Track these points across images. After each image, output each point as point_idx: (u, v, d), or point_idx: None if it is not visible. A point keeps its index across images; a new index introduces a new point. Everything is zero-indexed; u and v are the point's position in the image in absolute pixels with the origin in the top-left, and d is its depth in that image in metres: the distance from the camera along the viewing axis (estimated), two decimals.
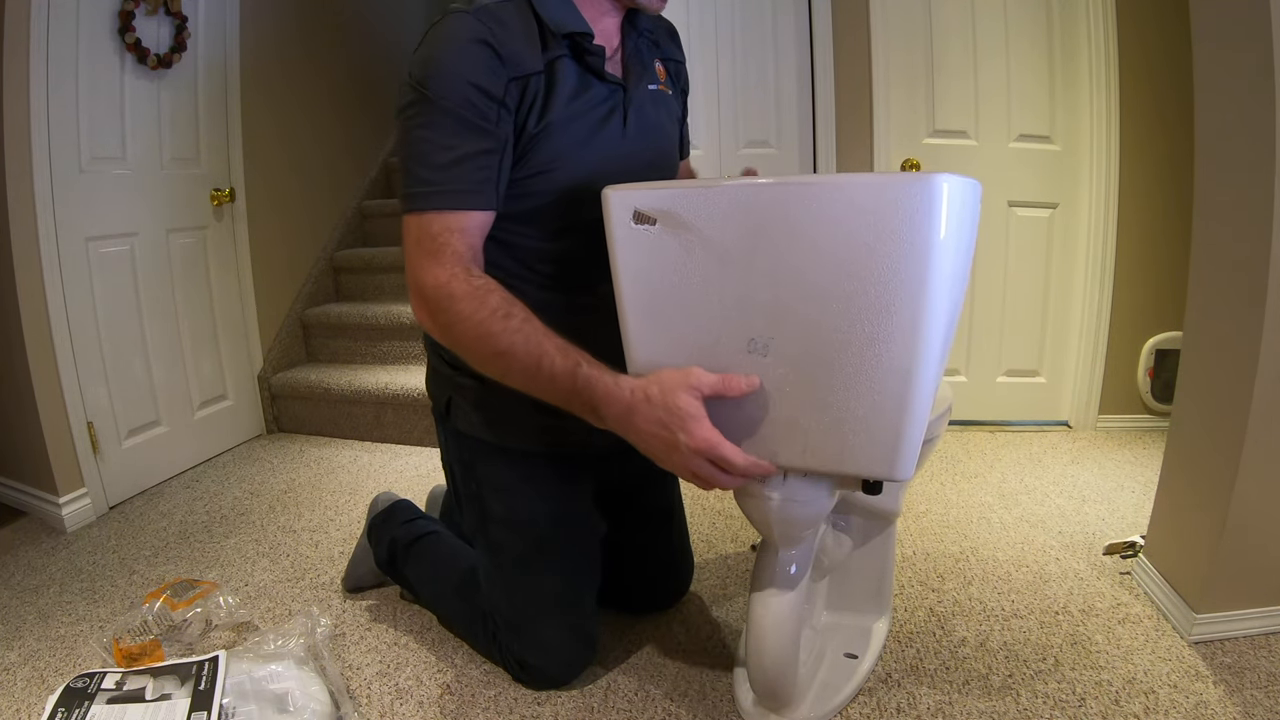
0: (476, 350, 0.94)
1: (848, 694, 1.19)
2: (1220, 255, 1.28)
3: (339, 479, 2.23)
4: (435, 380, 1.26)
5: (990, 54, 2.24)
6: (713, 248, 0.84)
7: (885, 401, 0.79)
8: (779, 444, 0.86)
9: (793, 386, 0.84)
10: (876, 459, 0.82)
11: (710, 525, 1.83)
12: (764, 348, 0.84)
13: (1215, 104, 1.27)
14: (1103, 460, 2.15)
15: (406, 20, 3.62)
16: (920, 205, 0.74)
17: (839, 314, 0.79)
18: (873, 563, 1.32)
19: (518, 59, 0.97)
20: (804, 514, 0.96)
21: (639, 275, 0.88)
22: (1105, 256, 2.26)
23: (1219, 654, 1.27)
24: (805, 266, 0.80)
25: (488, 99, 0.96)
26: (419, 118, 0.97)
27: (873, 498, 1.11)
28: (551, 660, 1.22)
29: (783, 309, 0.82)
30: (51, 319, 1.88)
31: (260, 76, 2.56)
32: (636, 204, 0.85)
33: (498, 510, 1.21)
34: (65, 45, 1.88)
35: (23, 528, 1.95)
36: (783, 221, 0.80)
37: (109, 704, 1.10)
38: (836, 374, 0.81)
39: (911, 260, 0.75)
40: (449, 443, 1.26)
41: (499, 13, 0.98)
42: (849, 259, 0.78)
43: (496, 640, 1.25)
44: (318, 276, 2.93)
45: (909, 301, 0.76)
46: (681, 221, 0.84)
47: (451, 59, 0.95)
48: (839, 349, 0.80)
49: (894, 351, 0.78)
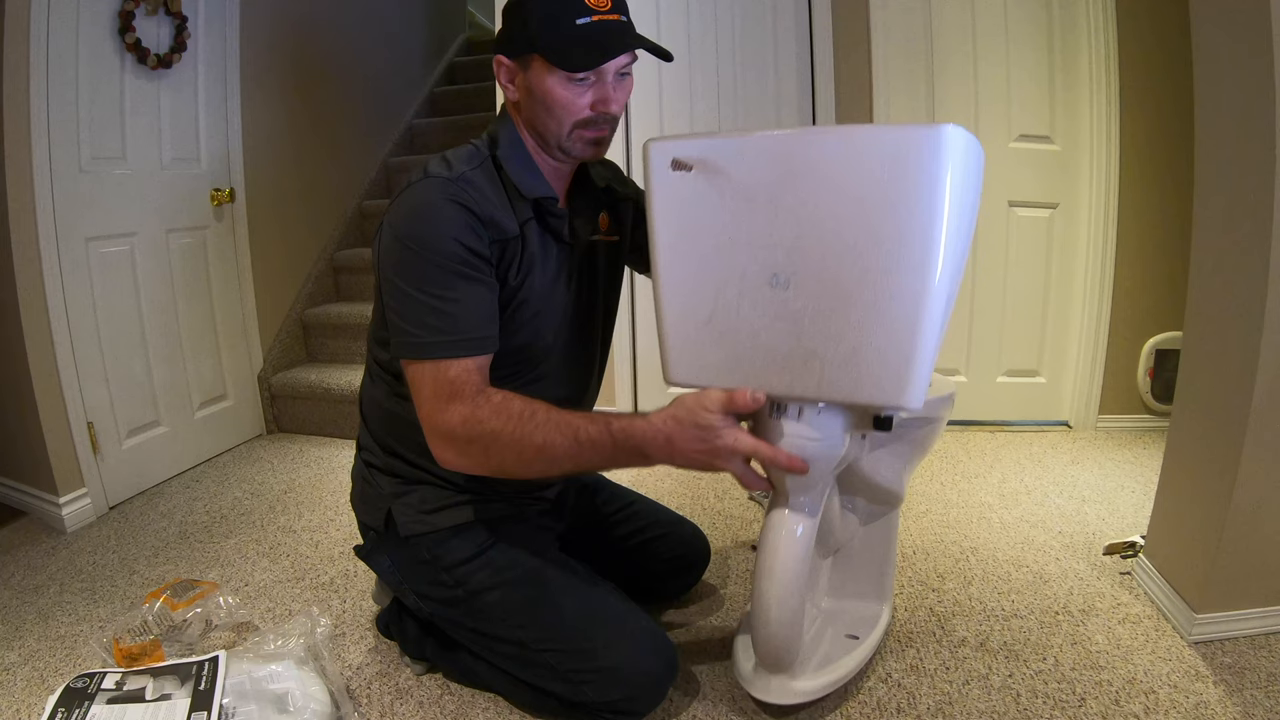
0: (518, 456, 0.98)
1: (848, 670, 1.19)
2: (1220, 255, 1.28)
3: (339, 479, 2.23)
4: (368, 501, 1.24)
5: (990, 54, 2.24)
6: (742, 189, 0.91)
7: (898, 331, 0.86)
8: (798, 376, 0.92)
9: (812, 318, 0.90)
10: (889, 387, 0.88)
11: (710, 525, 1.83)
12: (786, 282, 0.91)
13: (1215, 104, 1.27)
14: (1103, 460, 2.15)
15: (407, 20, 3.63)
16: (930, 149, 0.82)
17: (857, 248, 0.87)
18: (875, 549, 1.33)
19: (495, 223, 1.04)
20: (817, 452, 0.98)
21: (672, 217, 0.96)
22: (1105, 256, 2.26)
23: (1219, 654, 1.27)
24: (827, 205, 0.88)
25: (475, 255, 1.02)
26: (414, 272, 1.01)
27: (878, 478, 1.19)
28: (632, 659, 1.10)
29: (805, 244, 0.89)
30: (51, 319, 1.88)
31: (260, 76, 2.56)
32: (675, 153, 0.94)
33: (483, 578, 1.16)
34: (65, 45, 1.88)
35: (23, 528, 1.95)
36: (807, 165, 0.88)
37: (109, 704, 1.10)
38: (853, 305, 0.88)
39: (922, 197, 0.83)
40: (398, 568, 1.22)
41: (473, 178, 1.04)
42: (867, 197, 0.85)
43: (582, 705, 1.12)
44: (318, 276, 2.94)
45: (920, 235, 0.84)
46: (715, 166, 0.92)
47: (436, 219, 1.01)
48: (856, 281, 0.87)
49: (906, 282, 0.85)
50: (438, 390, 1.01)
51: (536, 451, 0.97)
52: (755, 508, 1.92)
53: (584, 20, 1.01)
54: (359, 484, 1.27)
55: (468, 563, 1.17)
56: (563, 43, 1.01)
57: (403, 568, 1.21)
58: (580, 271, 1.19)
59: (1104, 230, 2.24)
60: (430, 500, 1.18)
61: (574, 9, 1.01)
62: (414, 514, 1.18)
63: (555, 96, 1.04)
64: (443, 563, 1.17)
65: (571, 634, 1.12)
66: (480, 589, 1.16)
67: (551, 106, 1.05)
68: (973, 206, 0.93)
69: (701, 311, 0.97)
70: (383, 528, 1.21)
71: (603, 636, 1.11)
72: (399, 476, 1.20)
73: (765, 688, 1.13)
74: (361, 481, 1.26)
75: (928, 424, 1.22)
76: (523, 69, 1.06)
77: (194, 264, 2.35)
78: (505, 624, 1.15)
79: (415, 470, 1.19)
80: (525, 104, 1.08)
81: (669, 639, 1.15)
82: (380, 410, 1.21)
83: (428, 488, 1.19)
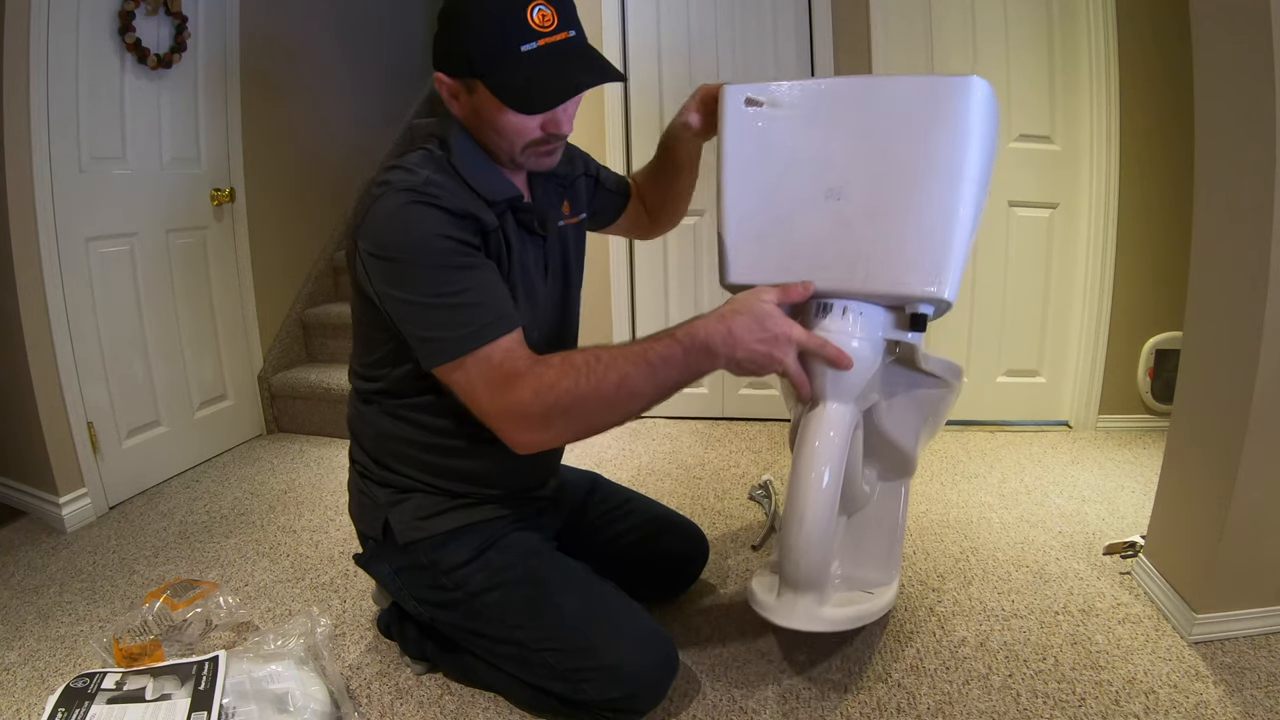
0: (601, 403, 0.96)
1: (862, 612, 1.19)
2: (1220, 255, 1.28)
3: (339, 479, 2.23)
4: (365, 511, 1.24)
5: (990, 54, 2.24)
6: (803, 121, 1.09)
7: (934, 232, 1.02)
8: (847, 272, 1.06)
9: (860, 224, 1.05)
10: (926, 278, 1.02)
11: (710, 525, 1.83)
12: (839, 194, 1.06)
13: (1215, 104, 1.27)
14: (1103, 460, 2.15)
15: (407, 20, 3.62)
16: (961, 90, 1.01)
17: (902, 166, 1.04)
18: (887, 519, 1.36)
19: (474, 216, 1.01)
20: (859, 352, 1.06)
21: (741, 146, 1.12)
22: (1105, 256, 2.26)
23: (1219, 654, 1.27)
24: (875, 133, 1.05)
25: (466, 244, 0.99)
26: (413, 281, 0.97)
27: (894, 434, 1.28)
28: (631, 657, 1.10)
29: (856, 164, 1.06)
30: (51, 319, 1.88)
31: (260, 77, 2.56)
32: (748, 93, 1.11)
33: (482, 580, 1.16)
34: (65, 45, 1.88)
35: (23, 528, 1.95)
36: (862, 103, 1.07)
37: (109, 704, 1.10)
38: (897, 211, 1.03)
39: (953, 126, 1.01)
40: (397, 575, 1.22)
41: (438, 179, 1.00)
42: (912, 126, 1.03)
43: (582, 704, 1.12)
44: (318, 276, 2.94)
45: (952, 155, 1.02)
46: (782, 103, 1.10)
47: (415, 223, 0.97)
48: (900, 192, 1.03)
49: (941, 192, 1.02)
50: (490, 380, 0.97)
51: (616, 390, 0.95)
52: (755, 508, 1.92)
53: (529, 46, 0.94)
54: (355, 495, 1.27)
55: (466, 565, 1.17)
56: (508, 74, 0.95)
57: (402, 574, 1.21)
58: (554, 261, 1.20)
59: (1104, 230, 2.24)
60: (426, 507, 1.18)
61: (517, 32, 0.94)
62: (410, 521, 1.18)
63: (503, 123, 1.01)
64: (441, 566, 1.17)
65: (571, 632, 1.11)
66: (479, 590, 1.16)
67: (501, 130, 1.02)
68: (992, 138, 1.08)
69: (761, 221, 1.11)
70: (380, 536, 1.21)
71: (602, 634, 1.11)
72: (393, 486, 1.20)
73: (790, 613, 1.11)
74: (357, 493, 1.26)
75: (940, 385, 1.29)
76: (466, 90, 1.01)
77: (194, 264, 2.35)
78: (504, 624, 1.14)
79: (408, 480, 1.19)
80: (472, 123, 1.05)
81: (669, 636, 1.15)
82: (373, 429, 1.20)
83: (422, 495, 1.19)
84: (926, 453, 2.23)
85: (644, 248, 2.57)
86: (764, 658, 1.32)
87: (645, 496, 1.50)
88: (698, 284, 2.56)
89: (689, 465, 2.23)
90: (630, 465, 2.24)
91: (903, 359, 1.18)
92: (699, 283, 2.56)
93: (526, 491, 1.27)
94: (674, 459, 2.28)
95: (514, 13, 0.94)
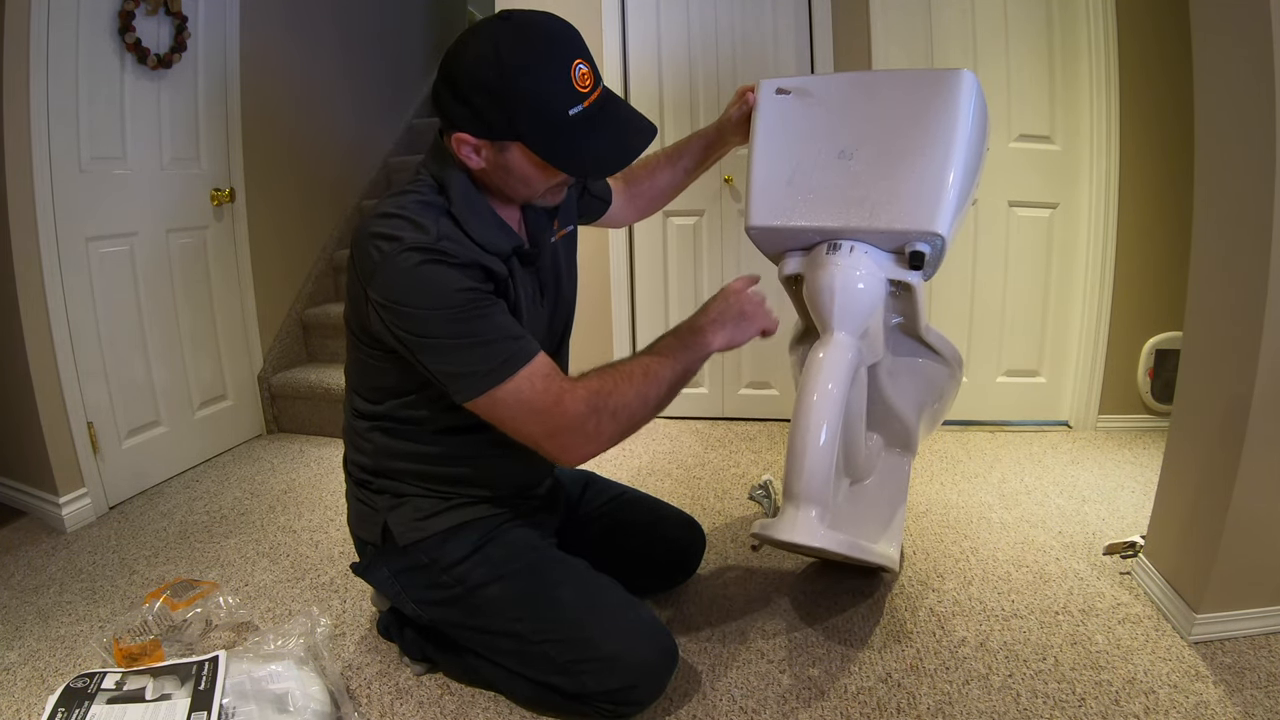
0: (638, 396, 1.07)
1: (861, 546, 1.28)
2: (1220, 255, 1.28)
3: (339, 479, 2.22)
4: (364, 519, 1.24)
5: (990, 54, 2.24)
6: (823, 104, 1.32)
7: (930, 178, 1.21)
8: (854, 212, 1.24)
9: (868, 176, 1.25)
10: (923, 215, 1.20)
11: (710, 525, 1.83)
12: (850, 154, 1.27)
13: (1215, 104, 1.27)
14: (1103, 460, 2.15)
15: (407, 19, 3.63)
16: (953, 78, 1.23)
17: (905, 131, 1.24)
18: (888, 492, 1.46)
19: (485, 268, 1.03)
20: (864, 282, 1.24)
21: (771, 125, 1.34)
22: (1105, 256, 2.26)
23: (1219, 654, 1.27)
24: (882, 110, 1.27)
25: (480, 291, 1.01)
26: (437, 328, 0.99)
27: (896, 403, 1.46)
28: (630, 648, 1.11)
29: (864, 132, 1.28)
30: (51, 319, 1.88)
31: (260, 76, 2.56)
32: (780, 84, 1.34)
33: (481, 574, 1.17)
34: (65, 45, 1.88)
35: (23, 528, 1.95)
36: (868, 89, 1.32)
37: (109, 704, 1.10)
38: (898, 166, 1.23)
39: (947, 103, 1.22)
40: (396, 578, 1.22)
41: (448, 233, 1.01)
42: (910, 104, 1.25)
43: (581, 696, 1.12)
44: (318, 276, 2.93)
45: (944, 124, 1.21)
46: (808, 91, 1.33)
47: (434, 283, 0.98)
48: (903, 150, 1.24)
49: (937, 148, 1.21)
50: (536, 398, 1.01)
51: (645, 381, 1.07)
52: (755, 508, 1.92)
53: (576, 110, 0.98)
54: (353, 504, 1.27)
55: (465, 560, 1.17)
56: (552, 137, 0.98)
57: (401, 576, 1.22)
58: (547, 278, 1.22)
59: (1104, 230, 2.24)
60: (424, 509, 1.19)
61: (564, 95, 0.97)
62: (409, 523, 1.19)
63: (534, 177, 1.04)
64: (441, 564, 1.18)
65: (570, 624, 1.12)
66: (478, 584, 1.17)
67: (530, 181, 1.05)
68: (981, 120, 1.27)
69: (784, 175, 1.30)
70: (380, 541, 1.22)
71: (601, 626, 1.12)
72: (389, 493, 1.21)
73: (791, 526, 1.18)
74: (355, 501, 1.26)
75: (940, 362, 1.45)
76: (496, 150, 1.02)
77: (194, 264, 2.35)
78: (504, 617, 1.15)
79: (405, 485, 1.20)
80: (491, 173, 1.05)
81: (667, 628, 1.16)
82: (372, 445, 1.21)
83: (419, 499, 1.20)
84: (927, 453, 2.23)
85: (644, 248, 2.57)
86: (764, 658, 1.32)
87: (639, 491, 1.52)
88: (698, 284, 2.56)
89: (689, 465, 2.23)
90: (630, 465, 2.24)
91: (906, 327, 1.40)
92: (699, 283, 2.56)
93: (523, 491, 1.28)
94: (674, 459, 2.28)
95: (559, 78, 0.97)
